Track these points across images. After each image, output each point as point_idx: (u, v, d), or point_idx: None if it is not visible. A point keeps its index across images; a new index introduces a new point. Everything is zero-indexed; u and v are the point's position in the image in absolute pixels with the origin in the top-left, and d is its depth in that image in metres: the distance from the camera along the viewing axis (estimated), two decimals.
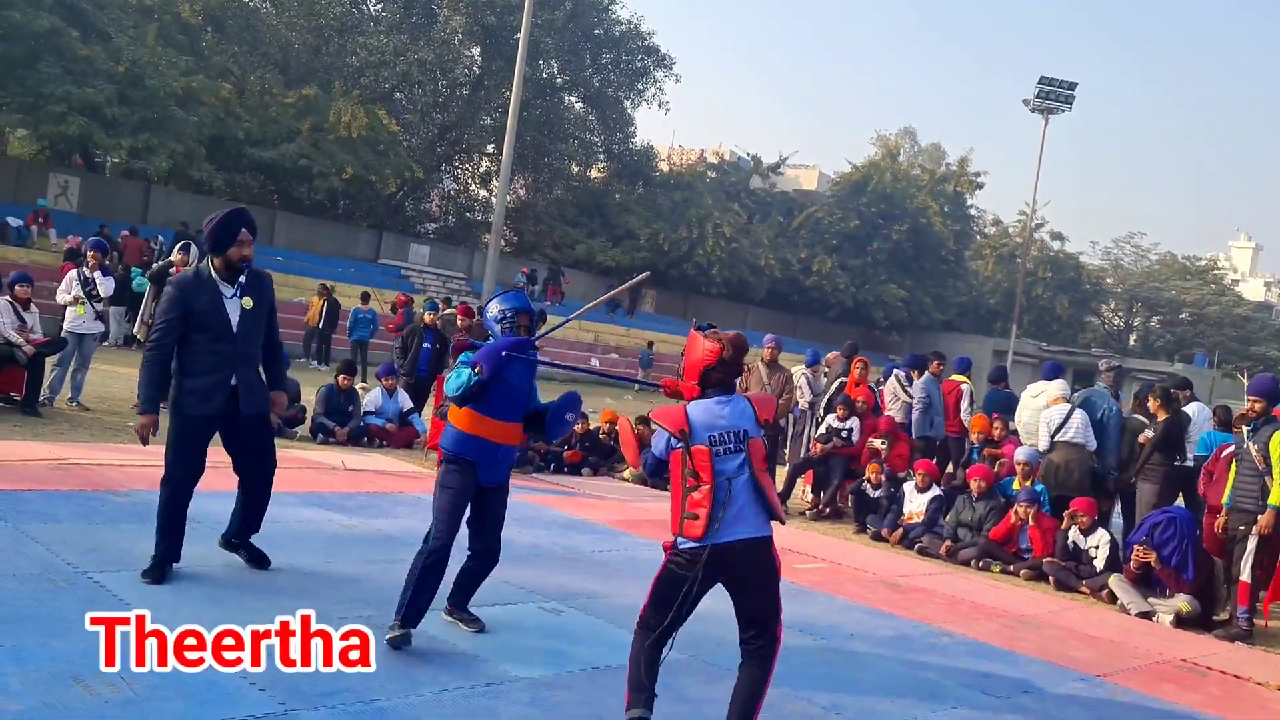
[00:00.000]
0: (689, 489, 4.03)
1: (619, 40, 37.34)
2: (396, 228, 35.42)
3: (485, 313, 4.93)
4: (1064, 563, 8.62)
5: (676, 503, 4.07)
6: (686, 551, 4.04)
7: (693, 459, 4.03)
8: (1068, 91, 45.72)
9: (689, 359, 4.25)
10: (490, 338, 5.04)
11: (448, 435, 4.99)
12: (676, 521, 4.06)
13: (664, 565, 4.13)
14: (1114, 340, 58.92)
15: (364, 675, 4.36)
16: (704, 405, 4.14)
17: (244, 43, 30.80)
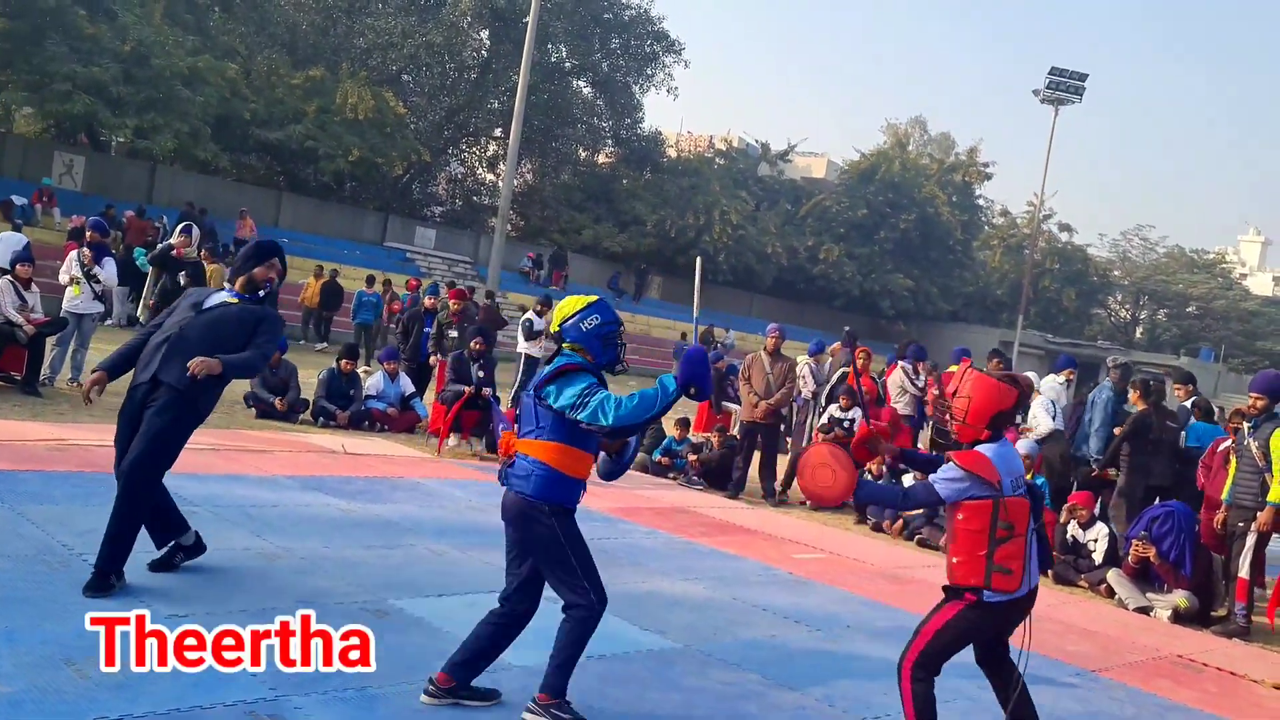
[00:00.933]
0: (1000, 540, 3.97)
1: (628, 25, 37.18)
2: (403, 211, 35.37)
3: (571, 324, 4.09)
4: (1063, 556, 8.60)
5: (978, 555, 3.98)
6: (996, 605, 4.04)
7: (1008, 510, 3.98)
8: (1078, 83, 45.44)
9: (980, 401, 4.09)
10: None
11: (559, 483, 4.05)
12: (980, 573, 3.99)
13: (959, 614, 4.08)
14: (1120, 333, 58.74)
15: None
16: (1000, 452, 4.06)
17: (251, 23, 30.70)
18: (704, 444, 11.49)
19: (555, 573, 4.10)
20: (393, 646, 4.63)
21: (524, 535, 4.11)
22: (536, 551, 4.12)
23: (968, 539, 4.00)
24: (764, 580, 7.11)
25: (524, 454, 4.06)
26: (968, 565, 3.99)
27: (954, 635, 4.09)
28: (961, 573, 4.02)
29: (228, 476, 7.79)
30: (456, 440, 10.91)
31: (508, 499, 4.11)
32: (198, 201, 25.25)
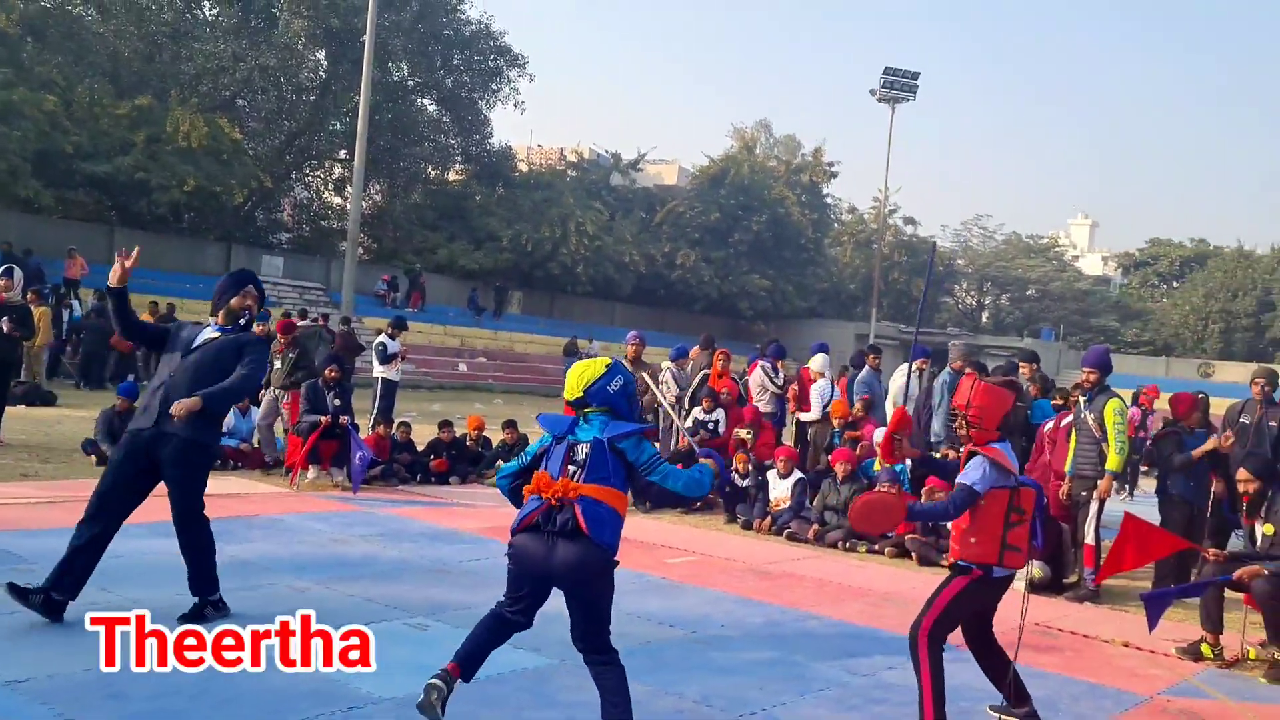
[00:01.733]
0: (1013, 524, 4.56)
1: (470, 40, 36.91)
2: (247, 239, 34.20)
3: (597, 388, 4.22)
4: (924, 538, 8.89)
5: (995, 535, 4.52)
6: (1000, 580, 4.63)
7: (1021, 498, 4.61)
8: (911, 81, 47.27)
9: (989, 407, 4.63)
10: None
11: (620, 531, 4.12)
12: (993, 552, 4.52)
13: (965, 588, 4.58)
14: (968, 319, 61.30)
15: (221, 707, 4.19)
16: (1008, 450, 4.66)
17: (68, 52, 29.19)
18: None
19: (602, 619, 4.12)
20: (253, 690, 4.43)
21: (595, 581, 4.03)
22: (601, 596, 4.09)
23: (987, 521, 4.52)
24: (637, 587, 7.11)
25: (597, 499, 3.99)
26: (985, 544, 4.52)
27: (967, 605, 4.61)
28: (979, 550, 4.53)
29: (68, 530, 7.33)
30: (316, 472, 10.59)
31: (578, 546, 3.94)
32: (20, 242, 23.82)
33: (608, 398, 4.23)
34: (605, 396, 4.23)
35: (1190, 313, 54.53)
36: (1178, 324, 55.22)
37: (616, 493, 4.07)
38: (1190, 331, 54.47)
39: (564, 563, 3.94)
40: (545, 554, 3.98)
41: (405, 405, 14.04)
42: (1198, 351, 52.99)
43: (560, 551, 3.94)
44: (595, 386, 4.22)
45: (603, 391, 4.23)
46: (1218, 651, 6.18)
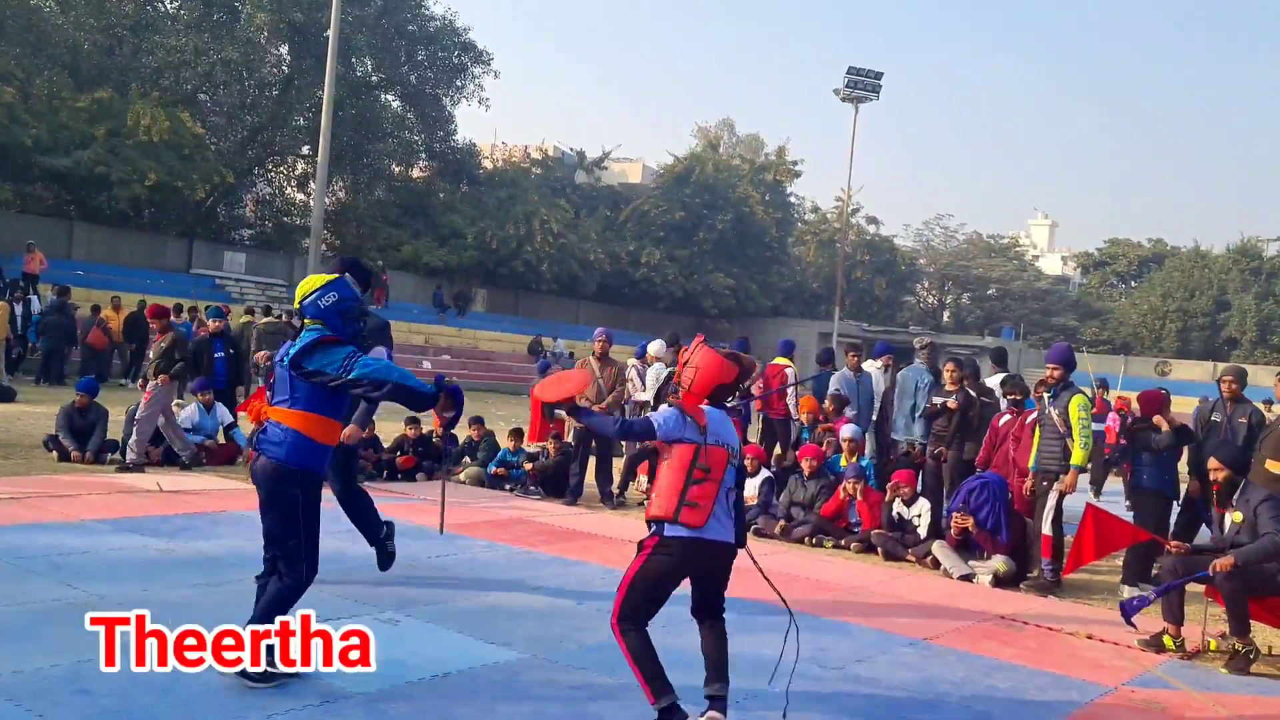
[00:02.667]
0: (695, 480, 4.29)
1: (434, 36, 36.67)
2: (209, 235, 33.80)
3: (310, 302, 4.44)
4: (890, 534, 8.98)
5: (674, 489, 4.28)
6: (676, 540, 4.30)
7: (708, 455, 4.32)
8: (874, 81, 47.55)
9: (704, 375, 4.45)
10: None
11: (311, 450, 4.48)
12: (671, 506, 4.27)
13: (647, 558, 4.35)
14: (929, 318, 61.83)
15: (185, 705, 4.15)
16: (719, 415, 4.46)
17: (26, 44, 28.67)
18: (540, 453, 11.44)
19: (285, 539, 4.42)
20: (222, 687, 4.39)
21: (270, 497, 4.42)
22: (275, 514, 4.43)
23: (668, 474, 4.34)
24: (607, 583, 7.10)
25: (277, 421, 4.37)
26: (663, 498, 4.33)
27: (654, 577, 4.39)
28: (655, 506, 4.36)
29: (30, 525, 7.26)
30: None
31: (259, 464, 4.42)
32: None
33: (318, 312, 4.43)
34: (316, 310, 4.43)
35: (1148, 312, 55.37)
36: (1136, 323, 56.06)
37: (299, 414, 4.36)
38: (1148, 330, 55.32)
39: (253, 478, 4.54)
40: (254, 469, 4.56)
41: None
42: (1155, 350, 53.82)
43: (253, 467, 4.55)
44: (309, 300, 4.43)
45: (314, 306, 4.43)
46: (1179, 643, 6.29)
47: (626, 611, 4.37)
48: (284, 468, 4.36)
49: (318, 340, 4.34)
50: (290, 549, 4.42)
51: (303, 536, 4.42)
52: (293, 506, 4.40)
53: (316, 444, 4.40)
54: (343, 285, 4.49)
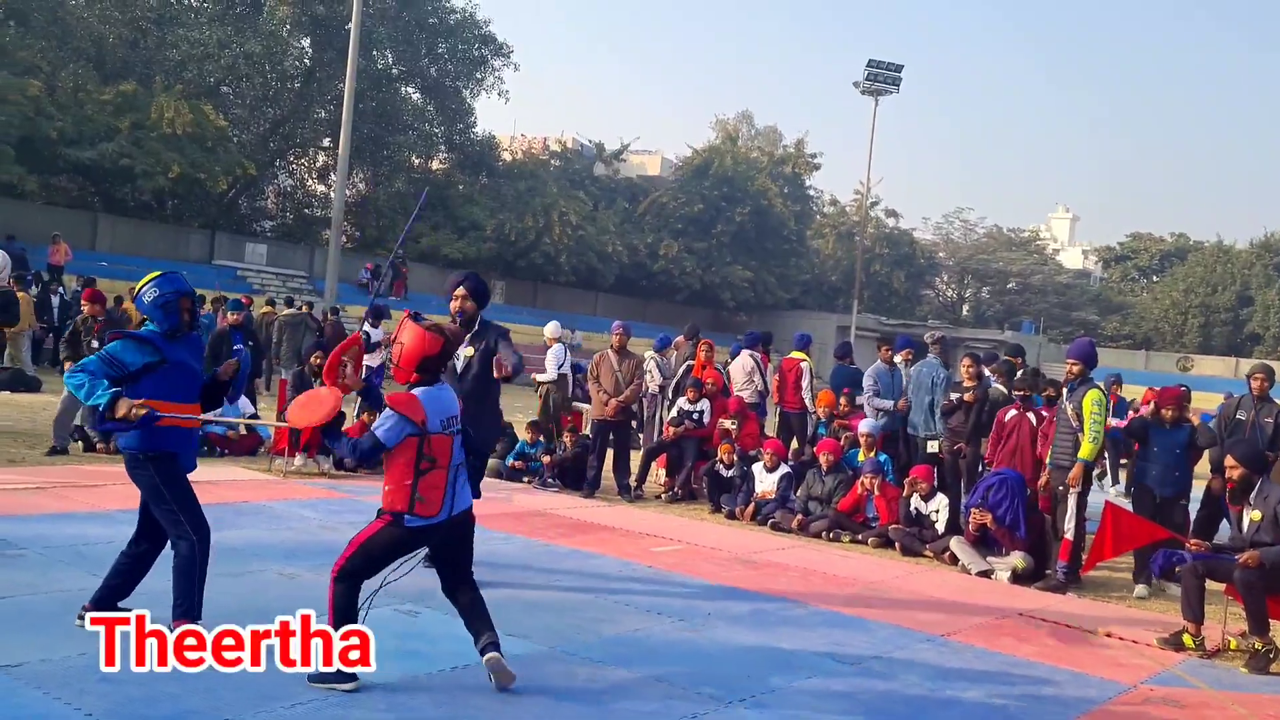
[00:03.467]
0: (423, 471, 4.42)
1: (455, 29, 36.74)
2: (231, 227, 34.04)
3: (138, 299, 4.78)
4: (908, 529, 8.97)
5: (404, 484, 4.42)
6: (418, 529, 4.47)
7: (431, 446, 4.44)
8: (895, 74, 47.40)
9: (409, 349, 4.52)
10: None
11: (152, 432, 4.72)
12: (405, 500, 4.42)
13: (381, 531, 4.49)
14: (948, 311, 61.60)
15: (209, 693, 4.21)
16: (430, 393, 4.52)
17: (52, 37, 28.94)
18: (557, 445, 11.49)
19: (159, 511, 4.74)
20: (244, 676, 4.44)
21: (133, 481, 4.77)
22: (144, 494, 4.78)
23: (397, 470, 4.45)
24: (624, 576, 7.16)
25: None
26: (395, 493, 4.46)
27: (383, 548, 4.52)
28: (389, 499, 4.48)
29: (56, 515, 7.35)
30: (303, 459, 10.59)
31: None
32: (3, 227, 23.67)
33: (144, 307, 4.74)
34: (142, 306, 4.74)
35: (1170, 307, 55.01)
36: (1158, 318, 55.70)
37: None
38: (1170, 325, 54.96)
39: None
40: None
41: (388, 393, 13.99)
42: (1177, 345, 53.46)
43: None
44: (138, 297, 4.75)
45: (140, 301, 4.74)
46: (1199, 641, 6.27)
47: (348, 569, 4.51)
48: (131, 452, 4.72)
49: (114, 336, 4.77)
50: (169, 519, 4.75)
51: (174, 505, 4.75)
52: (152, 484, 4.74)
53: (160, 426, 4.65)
54: (164, 280, 4.76)
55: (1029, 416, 8.80)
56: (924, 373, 10.35)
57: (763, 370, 11.75)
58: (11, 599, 5.18)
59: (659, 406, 12.70)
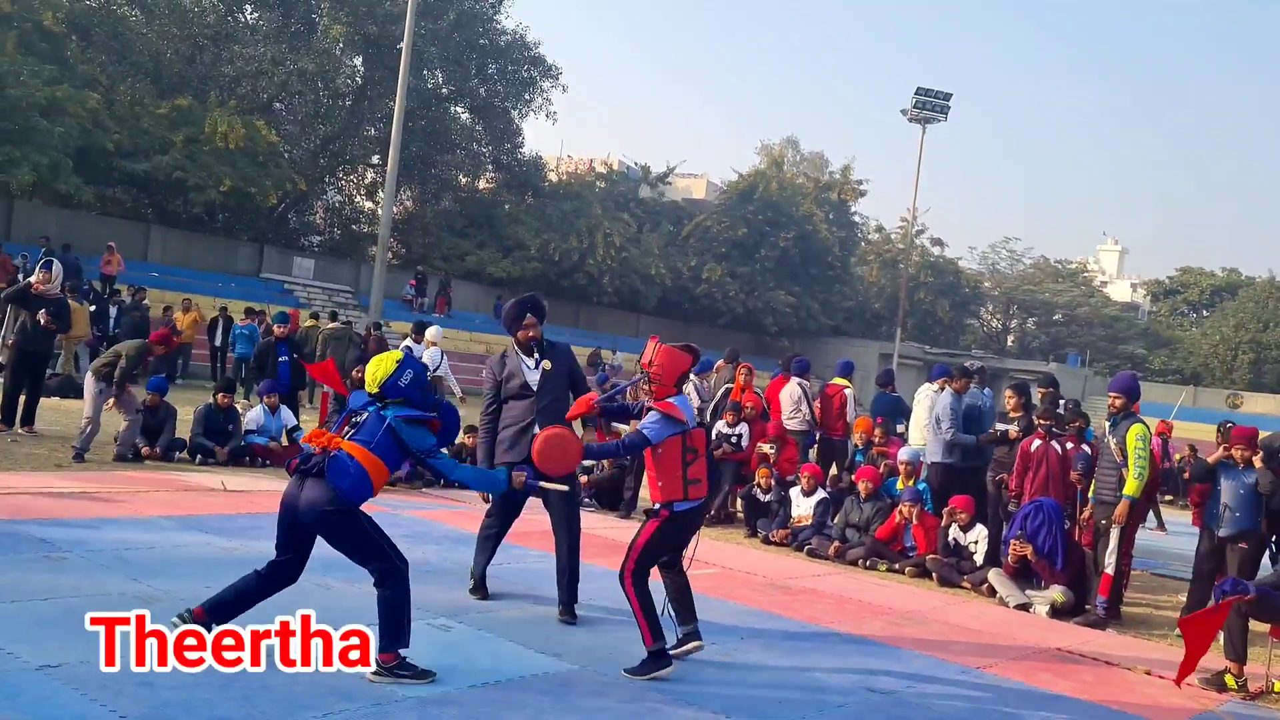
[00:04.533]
0: (689, 462, 5.26)
1: (505, 50, 37.14)
2: (279, 241, 34.53)
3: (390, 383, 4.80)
4: (946, 559, 8.87)
5: (676, 474, 5.21)
6: (687, 512, 5.29)
7: (693, 439, 5.34)
8: (943, 101, 47.18)
9: (670, 366, 5.35)
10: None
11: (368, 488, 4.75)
12: (678, 489, 5.22)
13: (658, 528, 5.27)
14: (993, 342, 61.00)
15: (244, 701, 4.25)
16: (683, 401, 5.37)
17: (112, 51, 29.64)
18: (595, 465, 11.50)
19: (357, 554, 4.77)
20: (278, 685, 4.50)
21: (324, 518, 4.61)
22: (337, 534, 4.69)
23: (668, 464, 5.23)
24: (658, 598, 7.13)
25: (350, 454, 4.63)
26: (669, 485, 5.23)
27: (662, 542, 5.32)
28: (664, 493, 5.24)
29: (100, 520, 7.47)
30: None
31: (313, 487, 4.59)
32: (60, 237, 24.18)
33: (400, 391, 4.79)
34: (397, 390, 4.79)
35: (1220, 342, 54.05)
36: (1207, 353, 54.74)
37: (371, 456, 4.65)
38: (1219, 361, 53.99)
39: (304, 499, 4.61)
40: (295, 492, 4.66)
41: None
42: (1227, 382, 52.49)
43: (305, 490, 4.62)
44: (389, 383, 4.78)
45: (395, 387, 4.79)
46: (1242, 682, 6.14)
47: (640, 570, 5.27)
48: (343, 496, 4.61)
49: (419, 419, 4.79)
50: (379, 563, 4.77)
51: (384, 546, 4.80)
52: (359, 528, 4.73)
53: (372, 485, 4.71)
54: (412, 363, 4.90)
55: (1054, 446, 8.71)
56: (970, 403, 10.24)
57: (809, 398, 11.67)
58: (54, 601, 5.27)
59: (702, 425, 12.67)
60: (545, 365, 6.38)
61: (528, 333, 6.37)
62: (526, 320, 6.37)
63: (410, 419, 4.76)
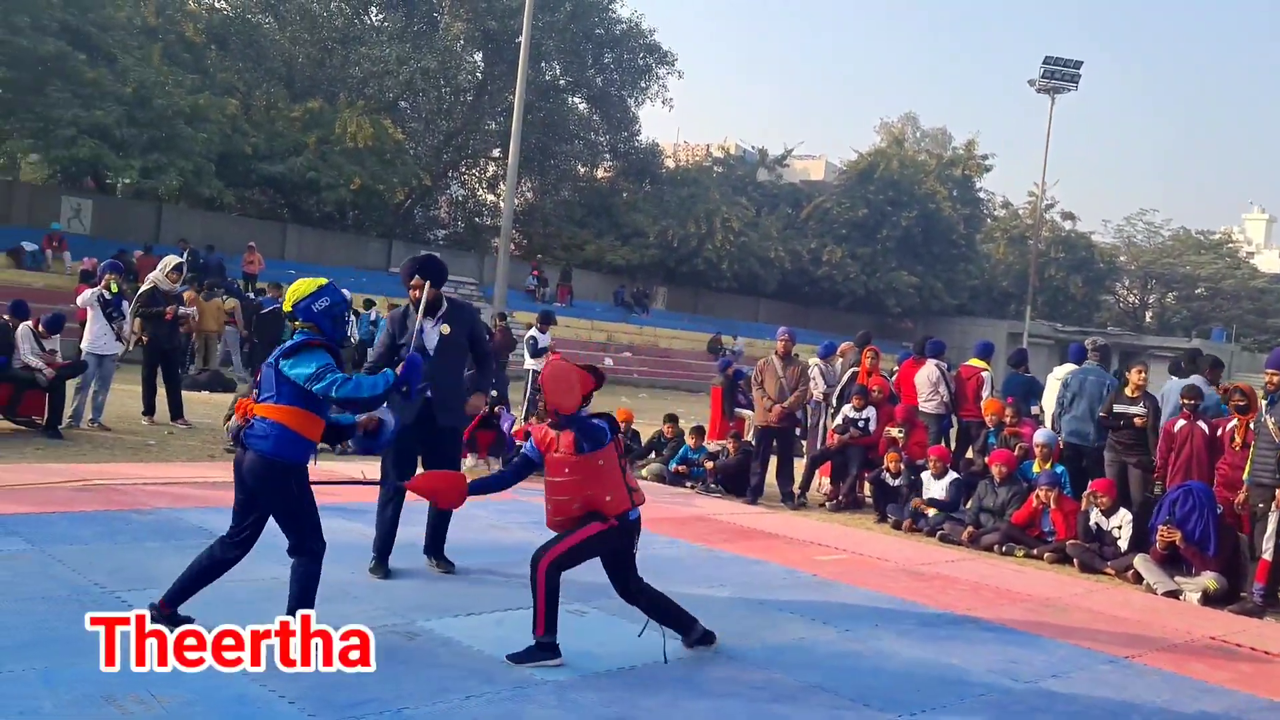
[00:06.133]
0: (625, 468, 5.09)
1: (620, 39, 37.33)
2: (406, 236, 35.51)
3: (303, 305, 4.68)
4: (1087, 544, 8.59)
5: (622, 482, 5.00)
6: (636, 521, 5.13)
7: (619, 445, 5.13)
8: (1073, 70, 45.47)
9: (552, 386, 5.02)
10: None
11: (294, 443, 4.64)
12: (626, 497, 5.00)
13: (602, 532, 4.99)
14: (1130, 318, 58.61)
15: (392, 683, 4.40)
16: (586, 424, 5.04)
17: (248, 58, 30.92)
18: (720, 451, 11.51)
19: (288, 523, 4.64)
20: (422, 667, 4.65)
21: (259, 490, 4.60)
22: (273, 505, 4.63)
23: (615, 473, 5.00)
24: (788, 584, 7.12)
25: (262, 417, 4.56)
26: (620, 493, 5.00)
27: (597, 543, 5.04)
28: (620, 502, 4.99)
29: None
30: (474, 460, 10.95)
31: (245, 457, 4.60)
32: (204, 238, 25.40)
33: (311, 315, 4.67)
34: (309, 314, 4.67)
35: None
36: None
37: (281, 409, 4.53)
38: None
39: (237, 470, 4.66)
40: (239, 459, 4.66)
41: None
42: None
43: (244, 459, 4.61)
44: (302, 304, 4.68)
45: (307, 310, 4.67)
46: None
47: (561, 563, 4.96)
48: (270, 460, 4.54)
49: (302, 344, 4.56)
50: (298, 530, 4.65)
51: (305, 518, 4.67)
52: (289, 496, 4.62)
53: (300, 437, 4.59)
54: (333, 290, 4.76)
55: (1200, 426, 8.33)
56: (1090, 380, 9.90)
57: (948, 381, 11.41)
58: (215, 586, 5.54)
59: (823, 414, 12.55)
60: (443, 329, 6.33)
61: (415, 293, 6.23)
62: (414, 280, 6.25)
63: (289, 350, 4.55)
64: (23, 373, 10.22)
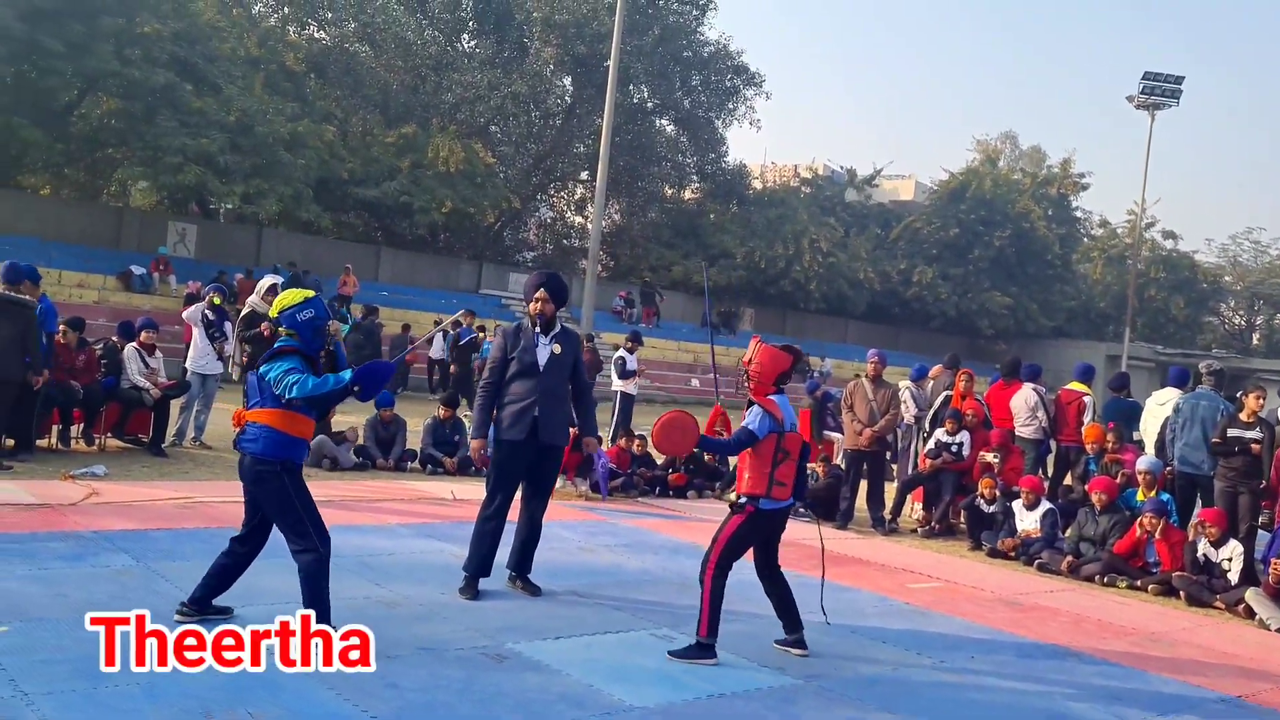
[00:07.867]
0: (779, 462, 5.35)
1: (708, 61, 37.41)
2: (496, 258, 36.00)
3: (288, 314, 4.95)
4: (1195, 577, 8.25)
5: (765, 471, 5.32)
6: (771, 511, 5.41)
7: (786, 441, 5.39)
8: (1174, 86, 44.16)
9: (770, 366, 5.46)
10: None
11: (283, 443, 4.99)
12: (764, 486, 5.32)
13: (742, 523, 5.37)
14: (1236, 340, 56.45)
15: (481, 705, 4.42)
16: (783, 399, 5.49)
17: (345, 86, 31.77)
18: (810, 475, 11.36)
19: (283, 521, 4.92)
20: (513, 691, 4.66)
21: (257, 490, 4.94)
22: (269, 504, 4.93)
23: (758, 460, 5.35)
24: (881, 611, 6.98)
25: (252, 422, 4.91)
26: (756, 481, 5.33)
27: (744, 537, 5.41)
28: (750, 485, 5.34)
29: (344, 527, 7.95)
30: (561, 482, 10.99)
31: (242, 461, 4.94)
32: (302, 261, 26.11)
33: (295, 324, 4.94)
34: (293, 322, 4.95)
35: None
36: None
37: (268, 412, 4.85)
38: None
39: (240, 475, 4.97)
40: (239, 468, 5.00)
41: (641, 419, 14.37)
42: None
43: (241, 464, 4.97)
44: (288, 312, 4.96)
45: (292, 318, 4.95)
46: None
47: (723, 563, 5.39)
48: (261, 460, 4.85)
49: (277, 350, 4.88)
50: (295, 528, 4.89)
51: (302, 513, 4.90)
52: (284, 493, 4.88)
53: (289, 437, 4.89)
54: (318, 304, 5.04)
55: None
56: (1204, 405, 9.53)
57: (1047, 405, 11.09)
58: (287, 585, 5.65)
59: (914, 438, 12.33)
60: (555, 349, 6.44)
61: (538, 305, 6.39)
62: (538, 294, 6.41)
63: (267, 357, 4.86)
64: (130, 392, 10.59)
